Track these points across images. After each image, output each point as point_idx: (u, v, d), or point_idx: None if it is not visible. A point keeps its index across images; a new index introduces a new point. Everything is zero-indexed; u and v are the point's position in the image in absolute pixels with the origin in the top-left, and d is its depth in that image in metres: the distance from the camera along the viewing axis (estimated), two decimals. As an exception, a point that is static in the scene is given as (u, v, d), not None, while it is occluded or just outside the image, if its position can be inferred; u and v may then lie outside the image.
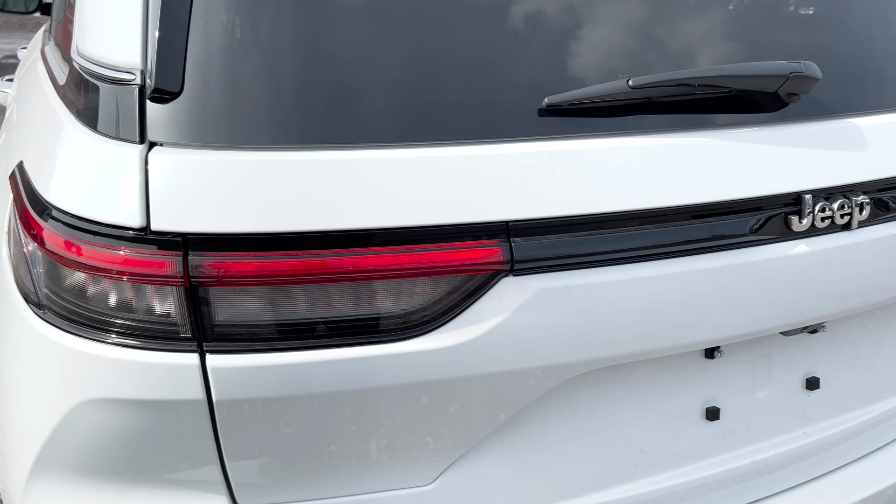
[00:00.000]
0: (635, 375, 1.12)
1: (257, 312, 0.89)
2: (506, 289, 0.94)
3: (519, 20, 1.03)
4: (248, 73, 0.90)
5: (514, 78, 0.98)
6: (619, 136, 0.99)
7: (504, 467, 1.06)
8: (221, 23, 0.91)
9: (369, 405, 0.94)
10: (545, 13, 1.04)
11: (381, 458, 0.99)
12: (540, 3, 1.05)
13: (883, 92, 1.18)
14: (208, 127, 0.88)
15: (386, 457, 0.99)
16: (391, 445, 0.99)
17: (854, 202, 1.08)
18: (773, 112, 1.07)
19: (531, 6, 1.05)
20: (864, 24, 1.25)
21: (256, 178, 0.86)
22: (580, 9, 1.06)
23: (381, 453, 0.99)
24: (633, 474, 1.12)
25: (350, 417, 0.95)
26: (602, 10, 1.07)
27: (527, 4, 1.06)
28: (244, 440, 0.93)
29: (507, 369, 0.97)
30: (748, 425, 1.21)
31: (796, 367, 1.25)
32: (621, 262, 0.97)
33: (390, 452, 0.99)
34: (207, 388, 0.88)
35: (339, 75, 0.92)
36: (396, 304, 0.92)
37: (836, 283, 1.10)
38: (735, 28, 1.15)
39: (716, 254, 1.01)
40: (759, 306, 1.06)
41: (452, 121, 0.94)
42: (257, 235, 0.86)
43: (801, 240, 1.06)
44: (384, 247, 0.89)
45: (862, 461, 1.33)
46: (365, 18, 0.96)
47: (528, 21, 1.03)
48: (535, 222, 0.93)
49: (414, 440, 1.00)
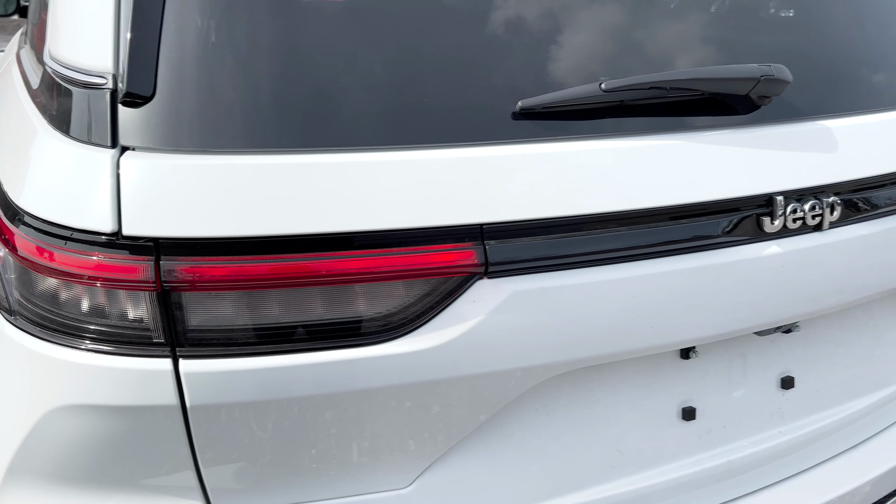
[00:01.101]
0: (612, 376, 1.13)
1: (231, 317, 0.88)
2: (480, 291, 0.94)
3: (492, 24, 1.03)
4: (220, 78, 0.89)
5: (488, 81, 0.99)
6: (593, 139, 0.99)
7: (481, 469, 1.06)
8: (193, 26, 0.91)
9: (345, 409, 0.94)
10: (519, 17, 1.05)
11: (357, 461, 0.99)
12: (513, 7, 1.06)
13: (853, 94, 1.20)
14: (180, 131, 0.88)
15: (362, 460, 0.99)
16: (367, 449, 0.99)
17: (825, 203, 1.09)
18: (745, 114, 1.08)
19: (505, 10, 1.06)
20: (834, 28, 1.26)
21: (229, 182, 0.86)
22: (553, 13, 1.07)
23: (357, 457, 0.99)
24: (610, 474, 1.13)
25: (326, 421, 0.95)
26: (575, 14, 1.08)
27: (500, 8, 1.07)
28: (219, 445, 0.93)
29: (483, 371, 0.97)
30: (724, 425, 1.22)
31: (771, 367, 1.27)
32: (595, 264, 0.98)
33: (366, 456, 0.99)
34: (181, 394, 0.88)
35: (313, 79, 0.92)
36: (370, 307, 0.92)
37: (808, 283, 1.12)
38: (707, 31, 1.16)
39: (689, 255, 1.02)
40: (733, 307, 1.07)
41: (426, 124, 0.94)
42: (231, 240, 0.86)
43: (774, 241, 1.07)
44: (357, 250, 0.89)
45: (837, 459, 1.35)
46: (338, 22, 0.96)
47: (502, 25, 1.04)
48: (509, 225, 0.94)
49: (390, 443, 1.00)
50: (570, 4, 1.08)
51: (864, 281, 1.19)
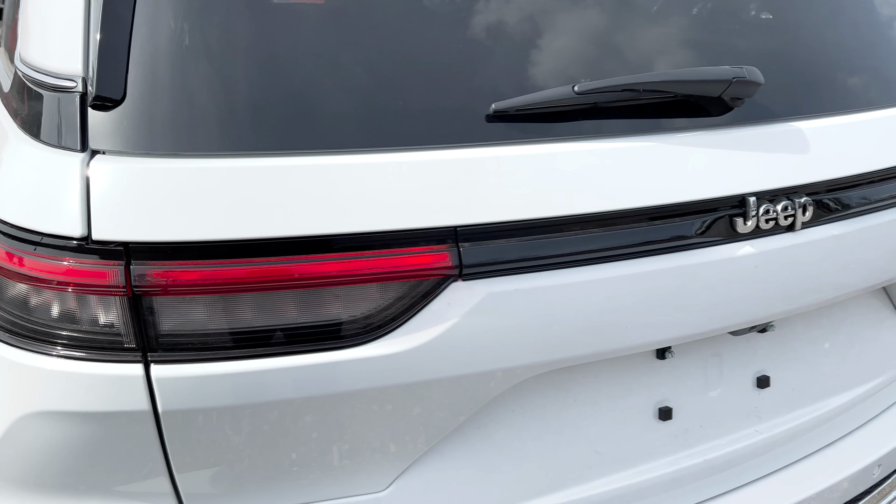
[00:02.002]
0: (588, 377, 1.14)
1: (203, 321, 0.88)
2: (455, 293, 0.94)
3: (466, 27, 1.03)
4: (191, 80, 0.89)
5: (462, 84, 0.99)
6: (566, 141, 1.00)
7: (458, 471, 1.06)
8: (164, 28, 0.90)
9: (318, 412, 0.94)
10: (494, 20, 1.05)
11: (332, 465, 0.99)
12: (489, 10, 1.06)
13: (824, 96, 1.21)
14: (151, 134, 0.87)
15: (338, 464, 0.99)
16: (342, 453, 0.98)
17: (797, 204, 1.10)
18: (719, 116, 1.09)
19: (480, 13, 1.06)
20: (806, 31, 1.27)
21: (201, 185, 0.85)
22: (528, 15, 1.07)
23: (332, 460, 0.98)
24: (587, 475, 1.13)
25: (299, 425, 0.94)
26: (550, 17, 1.08)
27: (475, 11, 1.07)
28: (193, 450, 0.93)
29: (459, 373, 0.97)
30: (701, 424, 1.23)
31: (747, 366, 1.28)
32: (569, 266, 0.98)
33: (342, 460, 0.99)
34: (153, 399, 0.87)
35: (287, 81, 0.92)
36: (344, 310, 0.92)
37: (781, 283, 1.13)
38: (681, 34, 1.17)
39: (663, 256, 1.03)
40: (707, 307, 1.07)
41: (400, 127, 0.94)
42: (203, 243, 0.85)
43: (747, 241, 1.08)
44: (330, 253, 0.89)
45: (813, 457, 1.36)
46: (309, 25, 0.96)
47: (476, 28, 1.04)
48: (483, 227, 0.94)
49: (366, 446, 0.99)
50: (545, 7, 1.09)
51: (837, 280, 1.20)
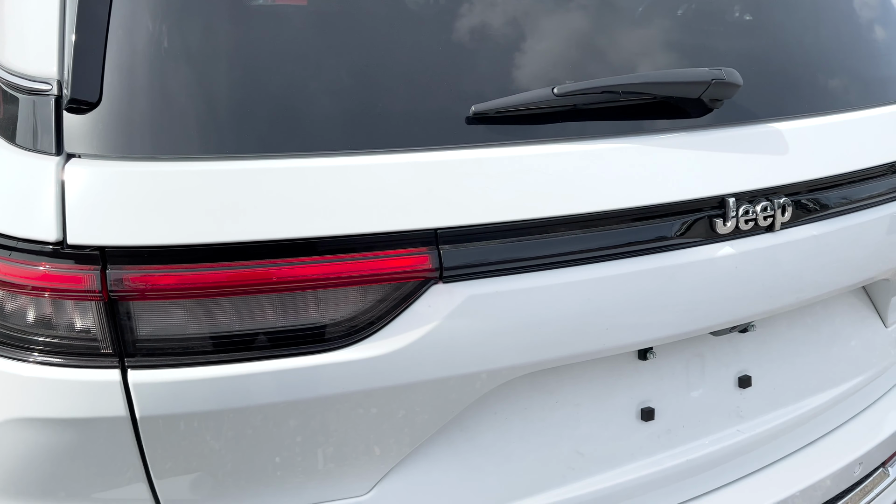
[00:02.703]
0: (570, 378, 1.14)
1: (180, 326, 0.87)
2: (436, 296, 0.94)
3: (446, 29, 1.03)
4: (168, 83, 0.88)
5: (442, 86, 0.99)
6: (547, 143, 1.00)
7: (440, 474, 1.06)
8: (140, 30, 0.89)
9: (299, 417, 0.93)
10: (473, 22, 1.05)
11: (313, 469, 0.98)
12: (467, 12, 1.06)
13: (803, 97, 1.22)
14: (127, 137, 0.86)
15: (318, 468, 0.98)
16: (323, 457, 0.98)
17: (776, 204, 1.11)
18: (698, 117, 1.10)
19: (458, 15, 1.06)
20: (784, 33, 1.28)
21: (177, 188, 0.84)
22: (507, 17, 1.07)
23: (313, 465, 0.98)
24: (570, 476, 1.14)
25: (280, 430, 0.94)
26: (530, 19, 1.08)
27: (454, 13, 1.07)
28: (171, 456, 0.92)
29: (440, 376, 0.97)
30: (683, 424, 1.23)
31: (729, 366, 1.28)
32: (551, 267, 0.98)
33: (322, 464, 0.98)
34: (130, 405, 0.86)
35: (265, 83, 0.91)
36: (324, 314, 0.91)
37: (761, 283, 1.13)
38: (662, 36, 1.17)
39: (643, 257, 1.03)
40: (688, 307, 1.08)
41: (380, 129, 0.94)
42: (180, 247, 0.85)
43: (726, 242, 1.09)
44: (309, 257, 0.88)
45: (794, 456, 1.37)
46: (288, 27, 0.95)
47: (456, 30, 1.04)
48: (463, 230, 0.94)
49: (347, 450, 0.99)
50: (525, 9, 1.09)
51: (817, 280, 1.21)
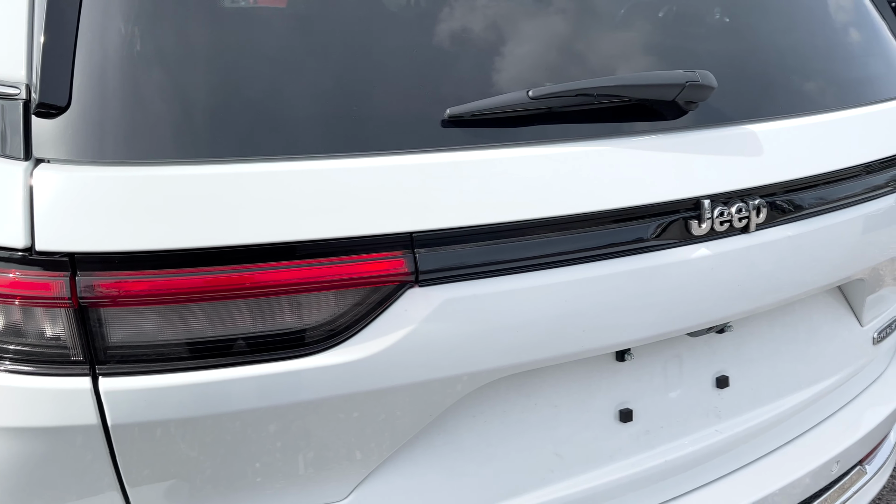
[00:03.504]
0: (549, 380, 1.14)
1: (153, 333, 0.86)
2: (412, 300, 0.93)
3: (420, 31, 1.03)
4: (138, 87, 0.87)
5: (417, 89, 0.98)
6: (522, 146, 1.00)
7: (418, 478, 1.06)
8: (110, 33, 0.88)
9: (275, 423, 0.93)
10: (448, 25, 1.05)
11: (290, 474, 0.97)
12: (442, 16, 1.06)
13: (777, 99, 1.23)
14: (97, 142, 0.85)
15: (295, 473, 0.98)
16: (301, 462, 0.97)
17: (751, 206, 1.12)
18: (673, 120, 1.10)
19: (433, 18, 1.06)
20: (758, 35, 1.30)
21: (147, 194, 0.84)
22: (483, 20, 1.07)
23: (290, 470, 0.97)
24: (549, 479, 1.14)
25: (256, 436, 0.93)
26: (505, 22, 1.08)
27: (429, 16, 1.07)
28: (145, 464, 0.91)
29: (417, 380, 0.97)
30: (661, 425, 1.24)
31: (706, 367, 1.29)
32: (527, 270, 0.99)
33: (300, 469, 0.97)
34: (102, 413, 0.85)
35: (238, 87, 0.91)
36: (298, 319, 0.91)
37: (737, 284, 1.14)
38: (637, 39, 1.18)
39: (619, 259, 1.03)
40: (664, 309, 1.08)
41: (354, 133, 0.93)
42: (152, 253, 0.84)
43: (702, 243, 1.09)
44: (284, 261, 0.88)
45: (772, 455, 1.38)
46: (261, 30, 0.95)
47: (431, 33, 1.04)
48: (439, 233, 0.94)
49: (325, 455, 0.98)
50: (501, 12, 1.09)
51: (791, 280, 1.22)
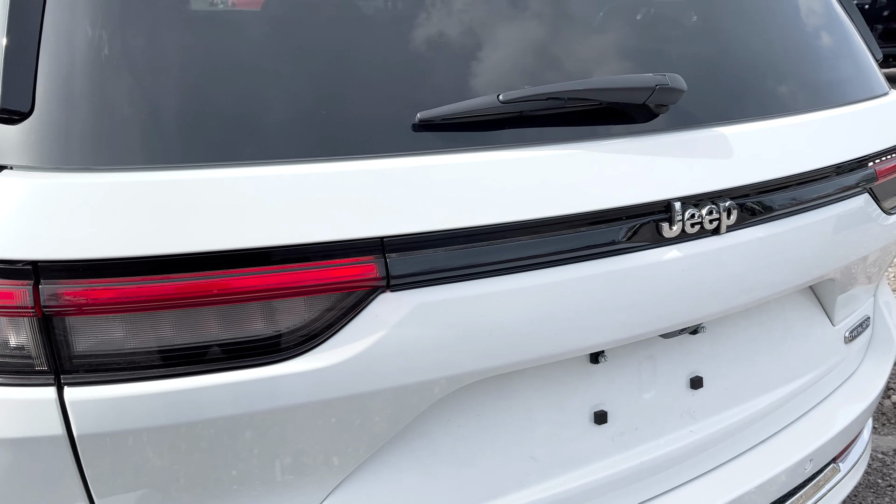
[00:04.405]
0: (523, 383, 1.14)
1: (119, 341, 0.85)
2: (383, 305, 0.93)
3: (390, 34, 1.03)
4: (102, 92, 0.86)
5: (387, 93, 0.98)
6: (493, 150, 1.00)
7: (392, 484, 1.05)
8: (74, 37, 0.87)
9: (245, 431, 0.92)
10: (418, 27, 1.05)
11: (261, 483, 0.97)
12: (413, 19, 1.06)
13: (747, 101, 1.24)
14: (60, 148, 0.84)
15: (266, 483, 0.97)
16: (272, 471, 0.96)
17: (721, 208, 1.13)
18: (644, 123, 1.11)
19: (404, 21, 1.06)
20: (729, 37, 1.31)
21: (112, 200, 0.82)
22: (454, 24, 1.07)
23: (261, 479, 0.96)
24: (525, 482, 1.14)
25: (226, 444, 0.92)
26: (476, 26, 1.08)
27: (400, 18, 1.07)
28: (113, 475, 0.89)
29: (390, 386, 0.96)
30: (636, 427, 1.24)
31: (680, 368, 1.30)
32: (499, 274, 0.99)
33: (271, 478, 0.97)
34: (67, 424, 0.84)
35: (204, 92, 0.90)
36: (269, 325, 0.90)
37: (708, 285, 1.15)
38: (609, 42, 1.18)
39: (591, 262, 1.03)
40: (636, 311, 1.09)
41: (323, 137, 0.93)
42: (116, 261, 0.83)
43: (673, 245, 1.10)
44: (253, 267, 0.87)
45: (746, 454, 1.39)
46: (227, 33, 0.94)
47: (402, 36, 1.03)
48: (410, 237, 0.93)
49: (299, 462, 0.98)
50: (472, 16, 1.09)
51: (763, 281, 1.23)
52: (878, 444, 2.49)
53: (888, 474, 2.33)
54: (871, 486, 2.28)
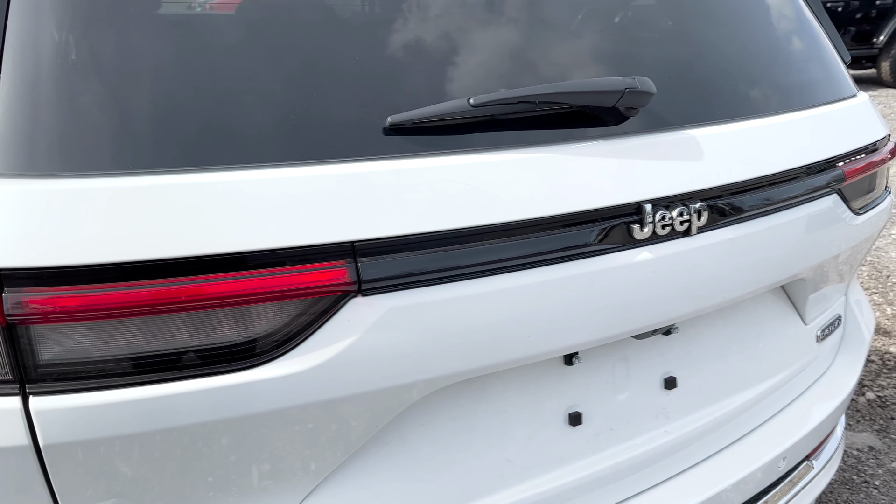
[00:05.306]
0: (497, 386, 1.14)
1: (87, 349, 0.84)
2: (355, 310, 0.93)
3: (362, 38, 1.03)
4: (68, 96, 0.85)
5: (357, 96, 0.98)
6: (464, 154, 1.00)
7: (367, 490, 1.05)
8: (39, 39, 0.86)
9: (218, 438, 0.91)
10: (390, 31, 1.05)
11: (233, 492, 0.96)
12: (385, 21, 1.06)
13: (716, 104, 1.26)
14: (24, 154, 0.83)
15: (238, 491, 0.96)
16: (245, 478, 0.96)
17: (692, 209, 1.14)
18: (614, 126, 1.12)
19: (373, 24, 1.06)
20: (698, 41, 1.32)
21: (78, 206, 0.81)
22: (427, 27, 1.07)
23: (233, 487, 0.96)
24: (500, 484, 1.14)
25: (199, 452, 0.91)
26: (450, 29, 1.09)
27: (370, 21, 1.07)
28: (83, 485, 0.88)
29: (363, 391, 0.96)
30: (611, 427, 1.25)
31: (654, 368, 1.31)
32: (471, 277, 0.99)
33: (241, 484, 0.96)
34: (33, 433, 0.83)
35: (170, 95, 0.89)
36: (240, 331, 0.89)
37: (679, 286, 1.16)
38: (581, 45, 1.19)
39: (562, 264, 1.04)
40: (608, 313, 1.09)
41: (293, 141, 0.92)
42: (82, 268, 0.82)
43: (644, 247, 1.11)
44: (222, 273, 0.86)
45: (721, 453, 1.40)
46: (196, 37, 0.93)
47: (372, 40, 1.03)
48: (381, 241, 0.93)
49: (271, 470, 0.97)
50: (443, 19, 1.09)
51: (734, 282, 1.25)
52: (854, 441, 2.52)
53: (863, 471, 2.36)
54: (846, 483, 2.31)
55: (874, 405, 2.74)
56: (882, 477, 2.33)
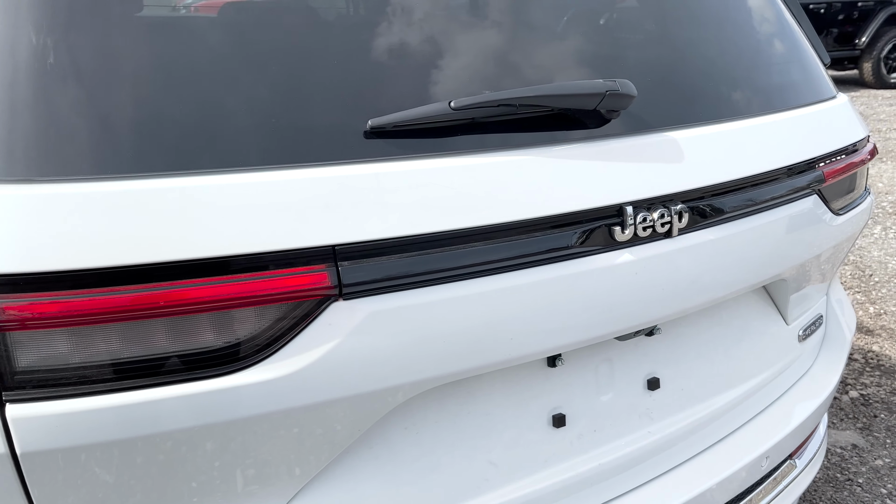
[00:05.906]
0: (481, 388, 1.14)
1: (66, 356, 0.83)
2: (336, 314, 0.93)
3: (343, 41, 1.03)
4: (45, 101, 0.84)
5: (337, 100, 0.98)
6: (445, 157, 1.00)
7: (352, 493, 1.04)
8: (15, 42, 0.86)
9: (199, 444, 0.91)
10: (372, 34, 1.05)
11: (217, 497, 0.95)
12: (367, 24, 1.06)
13: (697, 106, 1.26)
14: (1, 159, 0.82)
15: (222, 496, 0.95)
16: (228, 483, 0.95)
17: (673, 211, 1.15)
18: (595, 128, 1.12)
19: (355, 27, 1.06)
20: (679, 43, 1.33)
21: (55, 211, 0.81)
22: (409, 30, 1.07)
23: (217, 493, 0.95)
24: (484, 487, 1.14)
25: (179, 458, 0.91)
26: (431, 32, 1.09)
27: (350, 25, 1.07)
28: (63, 493, 0.87)
29: (346, 394, 0.96)
30: (594, 429, 1.26)
31: (637, 369, 1.31)
32: (453, 280, 0.99)
33: (228, 491, 0.95)
34: (10, 441, 0.82)
35: (148, 99, 0.89)
36: (220, 336, 0.89)
37: (662, 287, 1.17)
38: (560, 48, 1.20)
39: (544, 267, 1.04)
40: (590, 314, 1.10)
41: (273, 145, 0.92)
42: (60, 273, 0.81)
43: (626, 249, 1.11)
44: (202, 278, 0.86)
45: (705, 453, 1.41)
46: (175, 40, 0.93)
47: (352, 42, 1.03)
48: (362, 245, 0.93)
49: (255, 475, 0.97)
50: (424, 22, 1.09)
51: (715, 283, 1.26)
52: (837, 440, 2.54)
53: (847, 468, 2.39)
54: (830, 481, 2.33)
55: (857, 403, 2.77)
56: (866, 475, 2.35)
